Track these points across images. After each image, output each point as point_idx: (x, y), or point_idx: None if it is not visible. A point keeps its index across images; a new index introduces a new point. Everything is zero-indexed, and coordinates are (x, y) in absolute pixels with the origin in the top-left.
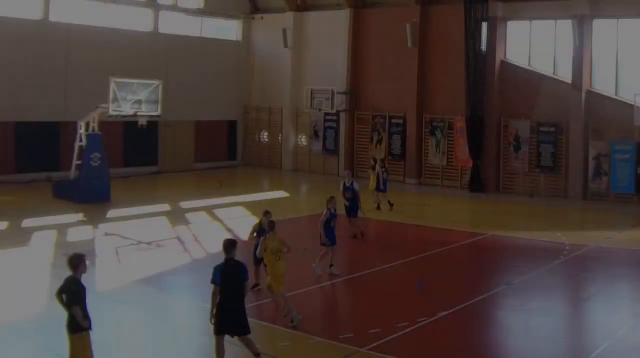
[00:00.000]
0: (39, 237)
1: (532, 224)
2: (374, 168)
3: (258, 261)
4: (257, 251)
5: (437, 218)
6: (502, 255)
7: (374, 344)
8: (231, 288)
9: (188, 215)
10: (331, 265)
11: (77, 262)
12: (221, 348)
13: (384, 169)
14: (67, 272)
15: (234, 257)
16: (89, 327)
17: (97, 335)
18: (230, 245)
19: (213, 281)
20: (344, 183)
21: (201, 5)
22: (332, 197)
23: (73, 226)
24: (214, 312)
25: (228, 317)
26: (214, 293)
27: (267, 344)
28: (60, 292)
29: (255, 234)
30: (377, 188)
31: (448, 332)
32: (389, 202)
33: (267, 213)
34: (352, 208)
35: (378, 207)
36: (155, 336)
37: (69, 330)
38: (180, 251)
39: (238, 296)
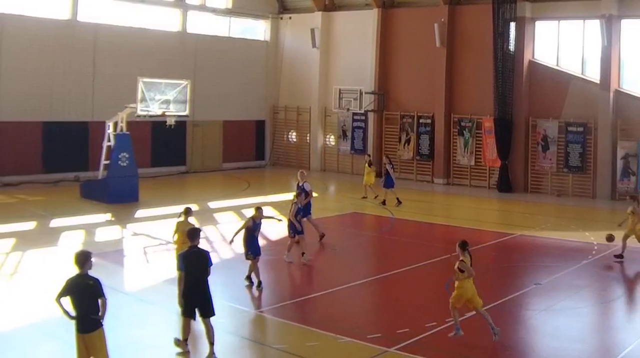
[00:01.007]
0: (67, 237)
1: (560, 224)
2: (370, 164)
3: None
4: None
5: (465, 218)
6: (531, 255)
7: (403, 344)
8: (196, 274)
9: (216, 215)
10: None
11: (85, 259)
12: (187, 328)
13: (391, 165)
14: (96, 272)
15: (197, 245)
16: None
17: (125, 334)
18: (194, 233)
19: (179, 268)
20: (297, 184)
21: (229, 5)
22: (258, 208)
23: (101, 226)
24: (182, 296)
25: (195, 300)
26: (179, 279)
27: (296, 344)
28: (74, 290)
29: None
30: (385, 185)
31: (476, 331)
32: (397, 198)
33: (259, 209)
34: (306, 208)
35: (383, 203)
36: (178, 335)
37: (97, 325)
38: (208, 251)
39: (203, 281)
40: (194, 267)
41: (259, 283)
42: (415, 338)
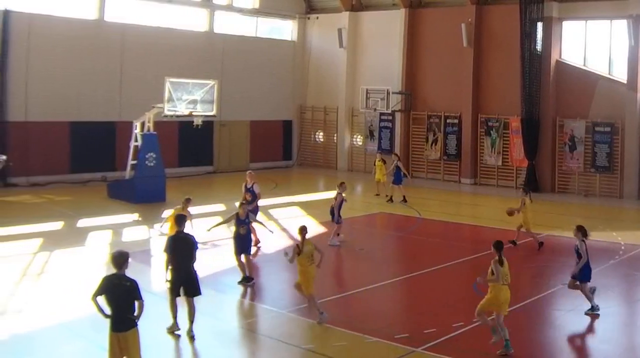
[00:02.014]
0: (94, 237)
1: (587, 224)
2: (383, 161)
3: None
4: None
5: (492, 218)
6: (558, 255)
7: (430, 344)
8: (182, 257)
9: None
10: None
11: (123, 260)
12: (175, 306)
13: (400, 163)
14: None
15: (183, 230)
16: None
17: (152, 335)
18: (181, 220)
19: (165, 250)
20: (245, 185)
21: (256, 5)
22: (242, 204)
23: (128, 226)
24: (170, 276)
25: (181, 280)
26: (165, 261)
27: (323, 344)
28: (111, 290)
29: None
30: (394, 182)
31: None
32: (403, 196)
33: (242, 204)
34: (254, 211)
35: (390, 200)
36: (210, 336)
37: (131, 325)
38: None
39: (188, 263)
40: (180, 250)
41: (250, 278)
42: (442, 338)
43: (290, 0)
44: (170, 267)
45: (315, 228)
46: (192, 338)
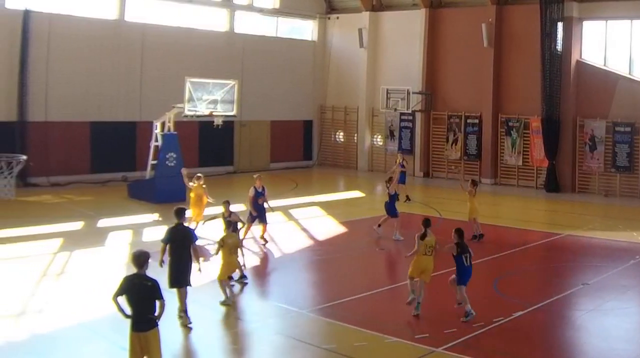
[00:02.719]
0: (115, 237)
1: (608, 224)
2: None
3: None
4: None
5: (512, 218)
6: (578, 255)
7: (450, 344)
8: (179, 249)
9: None
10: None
11: (144, 260)
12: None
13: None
14: (150, 272)
15: (183, 223)
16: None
17: (172, 335)
18: (181, 212)
19: (162, 240)
20: (255, 188)
21: (277, 5)
22: (225, 201)
23: (148, 226)
24: (169, 269)
25: (177, 272)
26: (161, 250)
27: (343, 344)
28: (132, 289)
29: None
30: (398, 181)
31: (524, 332)
32: (407, 195)
33: (226, 202)
34: (263, 214)
35: (407, 199)
36: (230, 335)
37: (152, 325)
38: (255, 251)
39: (184, 255)
40: (177, 242)
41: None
42: (462, 338)
43: (311, 0)
44: (169, 259)
45: (335, 228)
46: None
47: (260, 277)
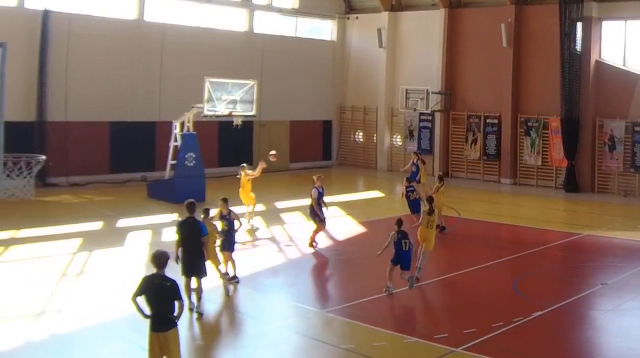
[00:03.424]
0: (134, 237)
1: (627, 224)
2: (422, 161)
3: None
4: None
5: (532, 218)
6: (598, 255)
7: (469, 344)
8: (189, 241)
9: (283, 215)
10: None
11: (164, 261)
12: (189, 287)
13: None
14: (169, 272)
15: (193, 216)
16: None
17: (193, 336)
18: (191, 206)
19: (176, 232)
20: (317, 188)
21: (296, 5)
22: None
23: (168, 226)
24: (181, 261)
25: (189, 264)
26: (175, 244)
27: (363, 344)
28: (151, 290)
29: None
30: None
31: (543, 331)
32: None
33: (224, 200)
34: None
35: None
36: (249, 335)
37: (171, 325)
38: (275, 251)
39: (196, 247)
40: (187, 235)
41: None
42: (482, 338)
43: (330, 1)
44: (181, 251)
45: (355, 228)
46: (200, 315)
47: (280, 277)
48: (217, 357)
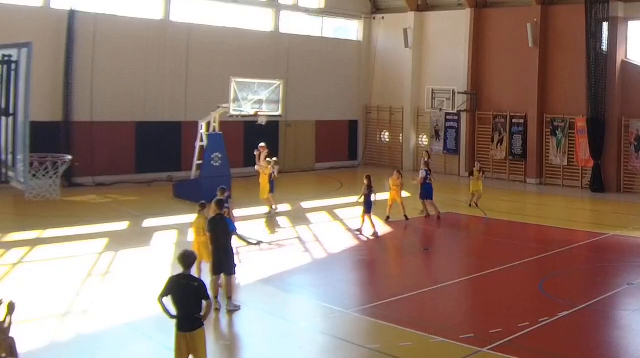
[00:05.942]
0: (160, 237)
1: None
2: (482, 171)
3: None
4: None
5: (558, 218)
6: (624, 256)
7: (495, 344)
8: (218, 238)
9: (309, 215)
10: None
11: (192, 261)
12: (216, 285)
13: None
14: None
15: (221, 213)
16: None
17: (219, 336)
18: (220, 203)
19: (207, 230)
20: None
21: (322, 5)
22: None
23: None
24: (212, 258)
25: (218, 260)
26: (209, 239)
27: (389, 344)
28: (178, 290)
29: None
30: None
31: (569, 331)
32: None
33: (222, 189)
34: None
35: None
36: (276, 336)
37: (199, 324)
38: (301, 251)
39: (225, 243)
40: (216, 232)
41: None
42: (508, 338)
43: (356, 1)
44: (211, 248)
45: (380, 228)
46: (234, 308)
47: (305, 276)
48: (242, 357)
